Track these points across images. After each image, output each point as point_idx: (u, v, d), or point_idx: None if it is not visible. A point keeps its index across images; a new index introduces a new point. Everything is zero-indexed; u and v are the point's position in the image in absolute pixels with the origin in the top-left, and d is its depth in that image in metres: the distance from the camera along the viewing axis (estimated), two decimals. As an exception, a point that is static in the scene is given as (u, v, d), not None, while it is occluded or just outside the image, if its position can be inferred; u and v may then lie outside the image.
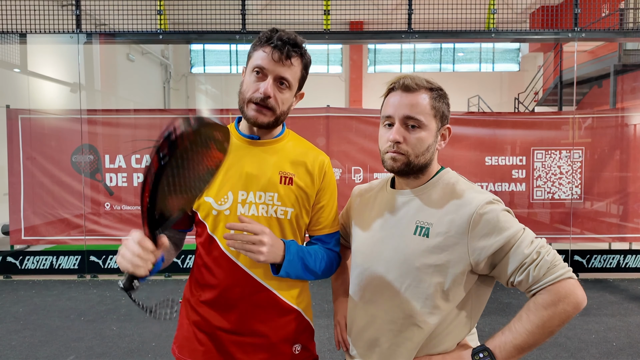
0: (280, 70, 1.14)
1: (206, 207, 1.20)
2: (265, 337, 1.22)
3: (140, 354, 3.15)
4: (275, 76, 1.14)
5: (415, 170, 1.11)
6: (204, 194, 1.19)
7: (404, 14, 5.10)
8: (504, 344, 0.98)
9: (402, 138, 1.07)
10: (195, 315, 1.25)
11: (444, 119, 1.12)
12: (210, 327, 1.22)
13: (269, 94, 1.14)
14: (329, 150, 5.17)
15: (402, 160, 1.08)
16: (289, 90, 1.19)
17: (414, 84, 1.08)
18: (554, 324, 0.95)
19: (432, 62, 14.95)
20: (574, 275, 0.99)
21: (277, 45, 1.12)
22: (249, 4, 5.18)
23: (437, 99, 1.09)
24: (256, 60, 1.15)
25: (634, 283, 4.85)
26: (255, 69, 1.15)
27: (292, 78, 1.17)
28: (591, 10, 5.43)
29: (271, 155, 1.24)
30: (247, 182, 1.20)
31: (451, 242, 1.03)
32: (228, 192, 1.19)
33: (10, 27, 4.98)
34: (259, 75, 1.15)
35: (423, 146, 1.08)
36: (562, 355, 3.14)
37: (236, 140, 1.24)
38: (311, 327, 1.33)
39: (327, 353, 3.17)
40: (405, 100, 1.08)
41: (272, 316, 1.22)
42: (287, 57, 1.13)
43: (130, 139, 5.17)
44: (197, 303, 1.25)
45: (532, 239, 1.00)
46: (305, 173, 1.25)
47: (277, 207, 1.20)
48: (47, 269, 5.05)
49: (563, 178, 5.22)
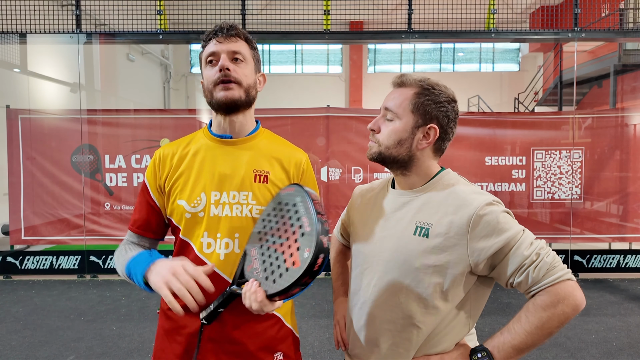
0: (229, 46, 1.16)
1: (179, 211, 1.18)
2: (242, 344, 1.17)
3: (140, 354, 3.15)
4: (227, 52, 1.16)
5: (391, 163, 1.12)
6: (177, 197, 1.18)
7: (404, 14, 5.10)
8: (503, 344, 0.98)
9: (376, 127, 1.13)
10: (170, 324, 1.21)
11: (428, 118, 1.08)
12: (184, 335, 1.17)
13: (227, 66, 1.15)
14: (329, 150, 5.17)
15: (374, 149, 1.13)
16: (246, 64, 1.19)
17: (402, 81, 1.12)
18: (553, 325, 0.95)
19: (432, 62, 14.95)
20: (573, 277, 0.99)
21: (219, 30, 1.17)
22: (249, 4, 5.17)
23: (422, 95, 1.08)
24: (206, 52, 1.18)
25: (634, 283, 4.85)
26: (207, 58, 1.17)
27: (244, 51, 1.18)
28: (591, 10, 5.43)
29: (245, 152, 1.22)
30: (220, 182, 1.17)
31: (451, 243, 1.03)
32: (200, 194, 1.17)
33: (10, 27, 4.98)
34: (212, 63, 1.17)
35: (393, 138, 1.09)
36: (562, 355, 3.14)
37: (208, 141, 1.23)
38: (294, 335, 1.29)
39: (327, 353, 3.17)
40: (391, 95, 1.13)
41: (248, 322, 1.18)
42: (230, 35, 1.17)
43: (130, 139, 5.17)
44: (170, 310, 1.19)
45: (532, 241, 1.01)
46: (281, 170, 1.23)
47: (252, 207, 1.17)
48: (47, 269, 5.05)
49: (563, 178, 5.22)
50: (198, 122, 5.39)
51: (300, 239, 0.95)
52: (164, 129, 5.23)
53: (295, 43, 11.41)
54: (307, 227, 0.95)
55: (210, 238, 1.16)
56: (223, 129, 1.22)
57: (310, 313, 3.91)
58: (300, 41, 5.95)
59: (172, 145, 1.26)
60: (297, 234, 0.97)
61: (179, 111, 6.84)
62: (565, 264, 1.02)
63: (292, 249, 0.96)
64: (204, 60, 1.19)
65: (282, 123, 5.20)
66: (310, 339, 3.38)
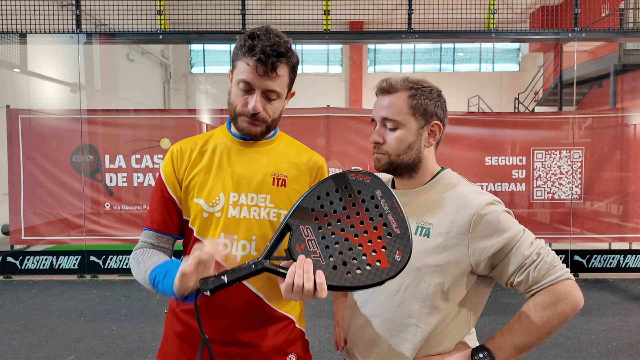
0: (267, 84, 1.09)
1: (195, 209, 1.15)
2: (256, 347, 1.16)
3: (140, 354, 3.15)
4: (262, 90, 1.10)
5: (402, 169, 1.12)
6: (195, 195, 1.15)
7: (404, 14, 5.10)
8: (504, 343, 0.99)
9: (381, 139, 1.11)
10: (180, 326, 1.19)
11: (429, 116, 1.11)
12: (196, 338, 1.13)
13: (258, 110, 1.10)
14: (329, 150, 5.17)
15: (384, 160, 1.12)
16: (279, 100, 1.15)
17: (389, 86, 1.11)
18: (553, 324, 0.97)
19: (432, 62, 14.95)
20: (572, 276, 1.00)
21: (261, 59, 1.05)
22: (249, 4, 5.17)
23: (416, 96, 1.09)
24: (241, 73, 1.09)
25: (634, 283, 4.85)
26: (240, 82, 1.10)
27: (280, 88, 1.12)
28: (591, 10, 5.43)
29: (263, 156, 1.21)
30: (238, 183, 1.16)
31: (452, 243, 1.04)
32: (219, 194, 1.15)
33: (10, 27, 4.98)
34: (245, 89, 1.10)
35: (403, 145, 1.10)
36: (562, 355, 3.14)
37: (227, 141, 1.21)
38: (304, 337, 1.28)
39: (327, 353, 3.17)
40: (383, 103, 1.12)
41: (261, 325, 1.17)
42: (273, 69, 1.07)
43: (130, 139, 5.17)
44: (182, 313, 1.18)
45: (532, 240, 1.02)
46: (299, 174, 1.22)
47: (269, 210, 1.16)
48: (47, 269, 5.05)
49: (563, 178, 5.22)
50: (198, 122, 5.39)
51: (387, 238, 0.90)
52: (164, 129, 5.23)
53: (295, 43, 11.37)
54: (397, 230, 0.90)
55: (226, 239, 1.14)
56: (243, 132, 1.20)
57: (310, 313, 3.91)
58: (300, 41, 5.95)
59: (189, 141, 1.23)
60: (381, 232, 0.91)
61: (179, 111, 6.84)
62: (565, 264, 1.03)
63: (374, 245, 0.90)
64: (235, 78, 1.12)
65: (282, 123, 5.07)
66: (310, 339, 3.37)
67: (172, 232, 1.20)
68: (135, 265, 1.14)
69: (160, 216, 1.18)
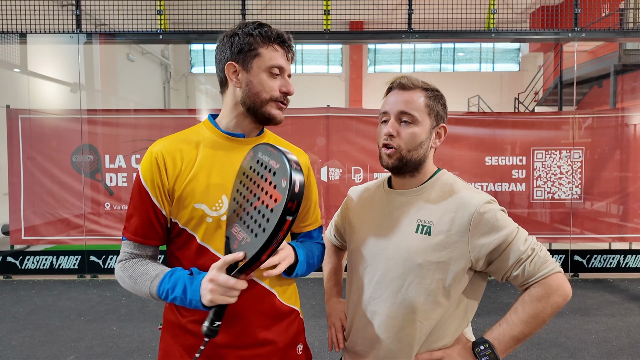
0: (289, 67, 1.18)
1: (197, 216, 1.09)
2: (274, 343, 1.16)
3: (140, 354, 3.15)
4: (288, 74, 1.18)
5: (410, 167, 1.14)
6: (194, 201, 1.09)
7: (404, 14, 5.10)
8: (502, 335, 1.05)
9: (395, 132, 1.13)
10: (190, 339, 1.12)
11: (439, 118, 1.16)
12: (211, 348, 1.09)
13: (293, 92, 1.18)
14: (329, 150, 5.17)
15: (395, 156, 1.13)
16: None
17: (410, 83, 1.14)
18: (547, 314, 1.04)
19: (432, 62, 14.96)
20: (561, 270, 1.08)
21: (288, 45, 1.15)
22: (249, 4, 5.17)
23: (432, 98, 1.14)
24: (272, 60, 1.12)
25: (634, 283, 4.85)
26: (273, 68, 1.12)
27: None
28: (591, 10, 5.43)
29: None
30: None
31: (453, 240, 1.07)
32: (222, 196, 1.10)
33: (10, 27, 4.98)
34: (276, 74, 1.14)
35: (415, 141, 1.12)
36: (562, 355, 3.14)
37: (218, 139, 1.16)
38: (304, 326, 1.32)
39: (327, 353, 3.17)
40: (401, 98, 1.14)
41: (276, 321, 1.17)
42: (293, 54, 1.19)
43: (130, 139, 5.17)
44: (190, 324, 1.12)
45: (526, 237, 1.08)
46: None
47: None
48: (47, 269, 5.05)
49: (563, 178, 5.22)
50: (198, 122, 5.39)
51: (273, 178, 0.91)
52: (164, 129, 5.23)
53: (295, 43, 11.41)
54: (276, 164, 0.91)
55: None
56: (240, 129, 1.19)
57: (310, 313, 3.91)
58: (300, 41, 5.94)
59: (170, 143, 1.14)
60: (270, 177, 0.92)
61: (179, 111, 6.84)
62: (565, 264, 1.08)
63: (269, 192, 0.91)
64: (264, 65, 1.12)
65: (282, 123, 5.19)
66: (310, 339, 3.37)
67: (157, 243, 1.14)
68: (127, 279, 1.10)
69: (145, 226, 1.11)
